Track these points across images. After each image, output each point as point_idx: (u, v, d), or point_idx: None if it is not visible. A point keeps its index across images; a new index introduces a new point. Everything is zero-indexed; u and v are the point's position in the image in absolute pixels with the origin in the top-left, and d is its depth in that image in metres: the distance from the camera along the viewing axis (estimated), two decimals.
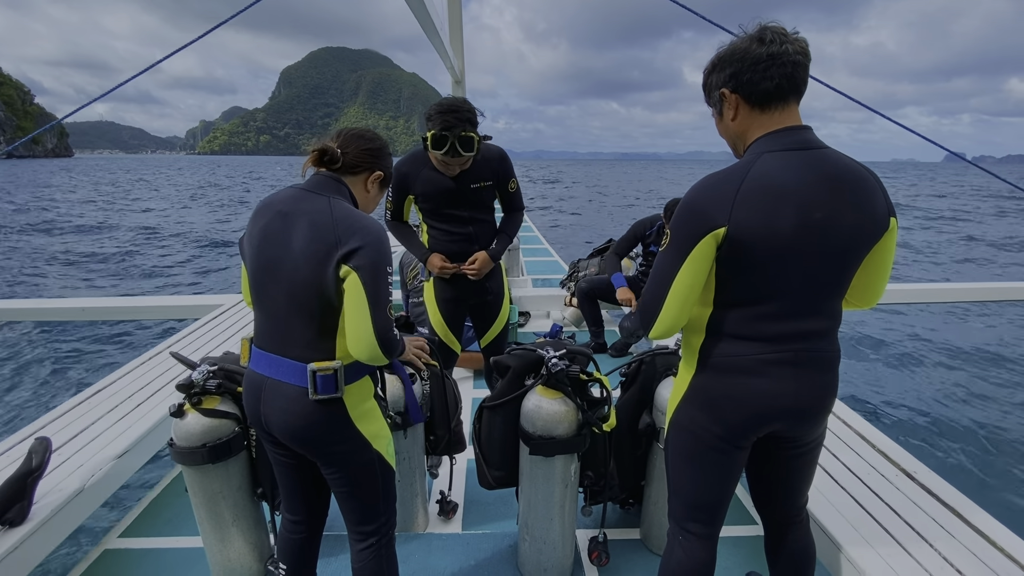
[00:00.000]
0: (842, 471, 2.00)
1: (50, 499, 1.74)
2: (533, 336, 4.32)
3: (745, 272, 1.09)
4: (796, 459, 1.28)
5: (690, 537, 1.31)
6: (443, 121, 1.95)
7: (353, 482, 1.30)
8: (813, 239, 1.06)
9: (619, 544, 2.00)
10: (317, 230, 1.16)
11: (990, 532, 1.65)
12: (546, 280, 6.25)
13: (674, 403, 1.29)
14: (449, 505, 2.15)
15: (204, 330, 3.44)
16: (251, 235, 1.24)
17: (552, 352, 1.67)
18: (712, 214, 1.06)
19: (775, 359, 1.12)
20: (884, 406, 5.21)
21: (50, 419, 2.25)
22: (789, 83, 1.08)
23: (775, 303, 1.10)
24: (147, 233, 16.74)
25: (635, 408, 1.90)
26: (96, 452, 2.01)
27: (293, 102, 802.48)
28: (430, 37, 3.21)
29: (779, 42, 1.06)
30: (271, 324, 1.23)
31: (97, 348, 6.78)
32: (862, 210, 1.08)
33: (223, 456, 1.61)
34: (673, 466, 1.32)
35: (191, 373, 1.61)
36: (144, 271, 11.68)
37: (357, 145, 1.31)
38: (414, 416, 1.86)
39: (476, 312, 2.39)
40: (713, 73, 1.16)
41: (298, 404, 1.20)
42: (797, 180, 1.05)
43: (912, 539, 1.64)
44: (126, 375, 2.71)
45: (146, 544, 2.02)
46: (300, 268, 1.16)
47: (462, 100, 2.02)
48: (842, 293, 1.16)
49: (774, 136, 1.10)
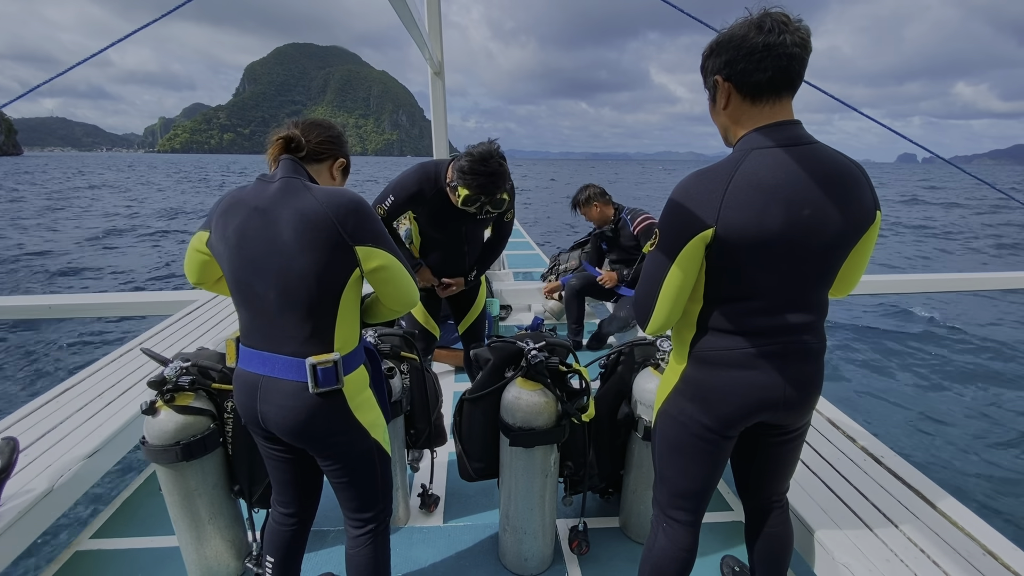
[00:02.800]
0: (813, 457, 2.06)
1: (18, 500, 1.69)
2: (515, 329, 4.33)
3: (735, 269, 1.10)
4: (782, 446, 1.31)
5: (674, 524, 1.34)
6: (480, 185, 1.91)
7: (352, 471, 1.31)
8: (802, 236, 1.06)
9: (599, 533, 2.03)
10: (307, 218, 1.13)
11: (953, 513, 1.72)
12: (528, 273, 6.26)
13: (663, 394, 1.30)
14: (431, 498, 2.15)
15: (176, 327, 3.36)
16: (224, 235, 1.19)
17: (532, 344, 1.68)
18: (700, 215, 1.06)
19: (764, 352, 1.14)
20: (853, 394, 5.38)
21: (16, 419, 2.18)
22: (783, 76, 1.06)
23: (764, 298, 1.12)
24: (113, 230, 16.24)
25: (614, 399, 1.92)
26: (65, 452, 1.95)
27: (258, 99, 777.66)
28: (408, 28, 3.16)
29: (778, 31, 1.03)
30: (261, 322, 1.20)
31: (65, 346, 6.58)
32: (850, 205, 1.08)
33: (198, 453, 1.58)
34: (660, 455, 1.33)
35: (163, 370, 1.58)
36: (112, 268, 11.33)
37: (318, 133, 1.30)
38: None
39: (453, 298, 2.43)
40: (710, 57, 1.13)
41: (298, 400, 1.19)
42: (786, 177, 1.05)
43: (879, 521, 1.70)
44: (95, 373, 2.64)
45: (119, 545, 1.97)
46: (295, 261, 1.14)
47: (498, 162, 1.93)
48: (829, 285, 1.17)
49: (764, 131, 1.09)
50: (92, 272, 10.88)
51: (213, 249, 1.24)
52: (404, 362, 1.96)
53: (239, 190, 1.22)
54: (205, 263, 1.30)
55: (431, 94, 4.11)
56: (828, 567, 1.59)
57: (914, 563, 1.53)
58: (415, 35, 3.36)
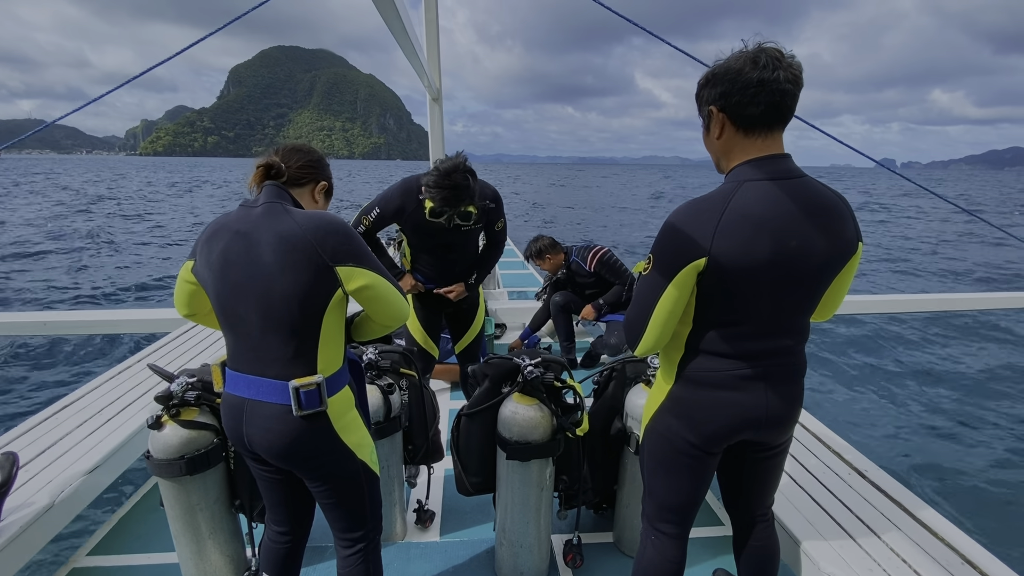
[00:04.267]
0: (799, 471, 2.12)
1: (18, 516, 1.70)
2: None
3: (724, 296, 1.16)
4: (764, 462, 1.37)
5: (662, 537, 1.38)
6: (444, 198, 1.97)
7: (339, 493, 1.32)
8: (788, 265, 1.12)
9: (593, 547, 2.06)
10: (287, 241, 1.15)
11: (933, 524, 1.79)
12: (522, 292, 6.33)
13: (651, 411, 1.36)
14: (427, 514, 2.18)
15: (176, 343, 3.39)
16: (208, 261, 1.21)
17: (528, 360, 1.74)
18: (694, 245, 1.12)
19: (749, 374, 1.20)
20: (837, 409, 5.46)
21: (16, 435, 2.19)
22: (775, 111, 1.11)
23: (750, 323, 1.18)
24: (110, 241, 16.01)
25: (607, 414, 1.98)
26: (65, 468, 1.97)
27: (244, 102, 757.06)
28: (408, 57, 3.27)
29: (772, 67, 1.07)
30: (245, 345, 1.22)
31: (63, 363, 6.53)
32: (833, 237, 1.15)
33: (201, 468, 1.61)
34: (648, 470, 1.39)
35: (169, 385, 1.62)
36: (108, 284, 11.25)
37: (298, 158, 1.32)
38: None
39: (452, 319, 2.47)
40: (706, 87, 1.18)
41: (282, 423, 1.20)
42: (775, 210, 1.11)
43: (863, 532, 1.76)
44: (95, 389, 2.66)
45: (116, 562, 1.98)
46: (276, 283, 1.15)
47: (463, 175, 1.97)
48: (811, 311, 1.24)
49: (755, 164, 1.14)
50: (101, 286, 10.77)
51: (199, 276, 1.26)
52: (403, 378, 2.01)
53: (223, 216, 1.26)
54: (193, 292, 1.32)
55: (429, 118, 4.22)
56: None
57: (896, 572, 1.58)
58: (415, 64, 3.47)
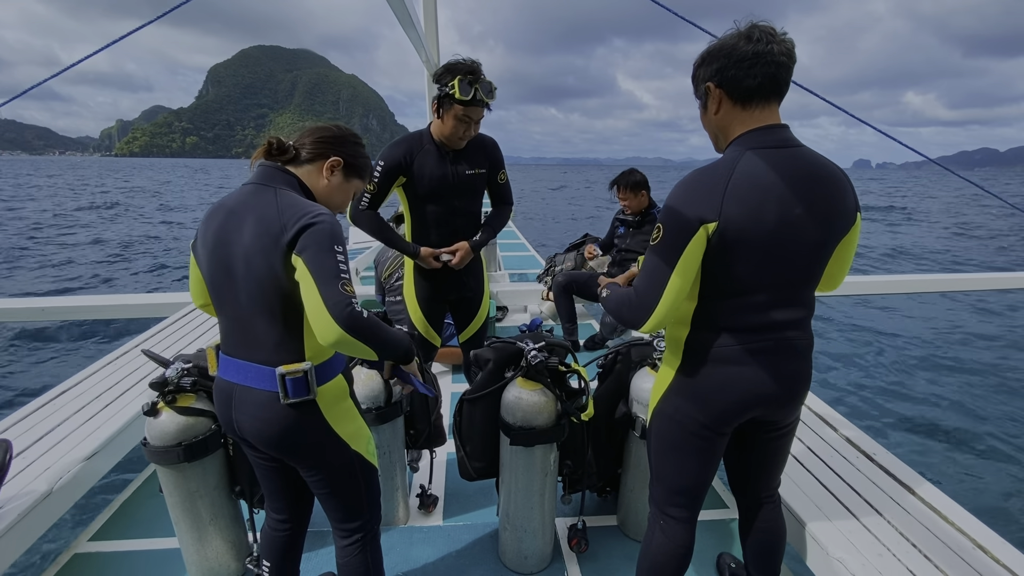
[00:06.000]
0: (806, 453, 2.10)
1: (16, 503, 1.68)
2: (516, 330, 4.34)
3: (731, 266, 1.13)
4: (772, 443, 1.35)
5: (671, 521, 1.36)
6: (464, 71, 1.90)
7: (333, 483, 1.29)
8: (793, 234, 1.11)
9: (597, 531, 2.05)
10: (263, 223, 1.12)
11: (944, 509, 1.76)
12: (523, 275, 6.29)
13: (658, 394, 1.33)
14: (430, 499, 2.17)
15: (173, 328, 3.35)
16: (204, 239, 1.19)
17: (531, 344, 1.70)
18: (703, 209, 1.10)
19: (756, 348, 1.17)
20: (845, 391, 5.45)
21: (13, 421, 2.17)
22: (771, 83, 1.12)
23: (757, 295, 1.15)
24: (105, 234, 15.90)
25: (612, 398, 1.95)
26: (64, 454, 1.95)
27: (223, 102, 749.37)
28: (406, 30, 3.18)
29: (765, 41, 1.09)
30: (235, 328, 1.19)
31: (60, 349, 6.52)
32: (835, 206, 1.14)
33: (199, 454, 1.59)
34: (657, 453, 1.36)
35: (164, 371, 1.58)
36: (107, 272, 11.21)
37: (313, 135, 1.27)
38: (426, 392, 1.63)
39: (456, 308, 2.40)
40: (701, 66, 1.19)
41: (269, 410, 1.17)
42: (779, 177, 1.09)
43: (871, 515, 1.74)
44: (92, 375, 2.63)
45: (118, 547, 1.97)
46: (252, 265, 1.12)
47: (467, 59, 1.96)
48: (816, 283, 1.22)
49: (755, 134, 1.14)
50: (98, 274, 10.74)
51: (196, 255, 1.23)
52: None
53: (225, 197, 1.22)
54: (200, 279, 1.29)
55: (427, 96, 4.13)
56: (821, 561, 1.63)
57: (905, 555, 1.56)
58: (412, 36, 3.38)
